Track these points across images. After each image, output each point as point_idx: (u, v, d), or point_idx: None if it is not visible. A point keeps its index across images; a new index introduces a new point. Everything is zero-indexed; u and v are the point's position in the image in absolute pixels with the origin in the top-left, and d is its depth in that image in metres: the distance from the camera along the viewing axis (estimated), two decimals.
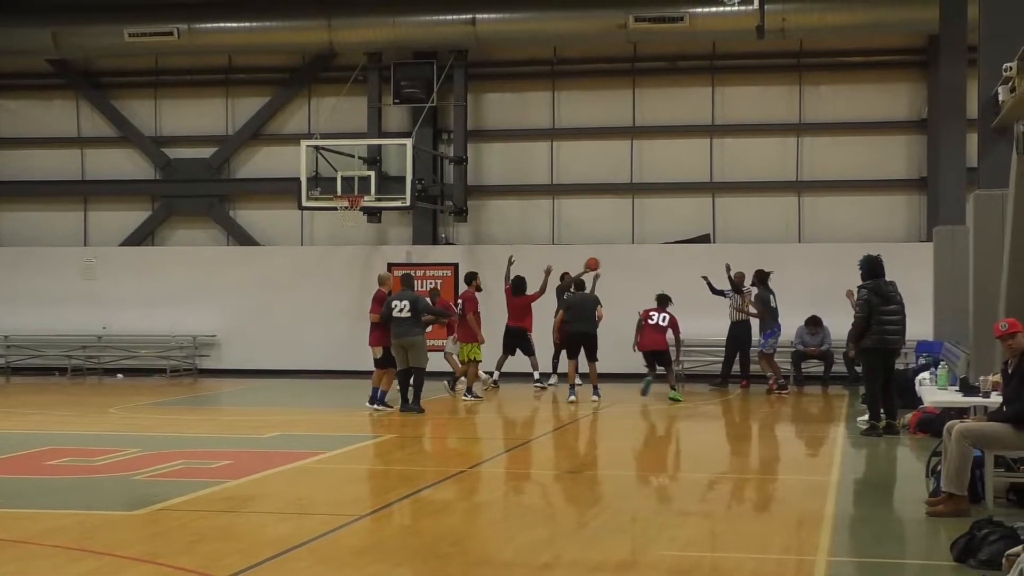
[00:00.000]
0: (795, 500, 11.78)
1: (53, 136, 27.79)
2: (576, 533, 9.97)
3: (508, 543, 9.71)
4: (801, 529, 10.26)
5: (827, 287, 22.09)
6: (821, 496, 11.43)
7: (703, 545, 9.74)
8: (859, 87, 25.14)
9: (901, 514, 11.07)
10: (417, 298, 18.47)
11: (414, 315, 18.16)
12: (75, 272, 26.61)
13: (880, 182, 24.88)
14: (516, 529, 10.23)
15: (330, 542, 9.54)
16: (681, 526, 10.25)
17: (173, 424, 17.72)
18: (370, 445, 15.72)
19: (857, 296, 16.07)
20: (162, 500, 11.09)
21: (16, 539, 9.48)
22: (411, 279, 19.29)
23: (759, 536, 9.92)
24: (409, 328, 18.18)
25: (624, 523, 10.56)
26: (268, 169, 26.86)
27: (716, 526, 10.50)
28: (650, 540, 9.86)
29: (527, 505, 11.59)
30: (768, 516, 11.12)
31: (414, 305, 18.19)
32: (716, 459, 14.86)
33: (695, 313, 22.50)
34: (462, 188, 25.54)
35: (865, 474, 13.69)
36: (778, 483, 13.15)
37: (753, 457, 15.29)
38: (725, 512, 11.23)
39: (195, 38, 25.38)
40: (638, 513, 11.09)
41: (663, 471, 13.71)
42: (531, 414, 19.54)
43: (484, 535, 10.13)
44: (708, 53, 25.48)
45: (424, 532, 10.17)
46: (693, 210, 25.47)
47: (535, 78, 26.21)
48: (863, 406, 17.62)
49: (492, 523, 10.62)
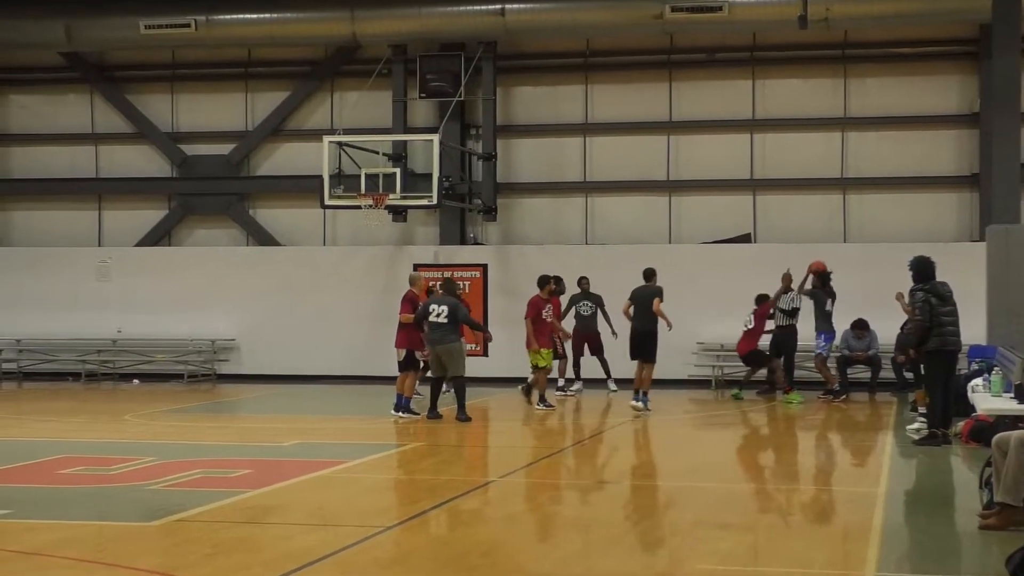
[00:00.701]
0: (841, 512, 11.75)
1: (66, 132, 27.96)
2: (611, 546, 9.96)
3: (540, 556, 9.71)
4: (847, 543, 10.22)
5: (874, 289, 21.97)
6: (868, 508, 11.37)
7: (743, 559, 9.72)
8: (907, 79, 25.04)
9: (953, 527, 11.02)
10: (458, 305, 18.44)
11: (452, 322, 18.16)
12: (89, 273, 26.75)
13: (929, 179, 24.77)
14: (548, 541, 10.23)
15: (355, 554, 9.55)
16: (720, 539, 10.22)
17: (191, 432, 17.79)
18: (395, 454, 15.75)
19: (911, 299, 15.97)
20: (179, 511, 11.13)
21: (29, 551, 9.54)
22: (453, 285, 19.23)
23: (802, 550, 9.88)
24: (445, 335, 18.19)
25: (661, 535, 10.55)
26: (289, 166, 26.95)
27: (757, 539, 10.47)
28: (688, 553, 9.83)
29: (560, 516, 11.59)
30: (812, 529, 11.08)
31: (454, 312, 18.18)
32: (757, 469, 14.83)
33: (736, 318, 22.43)
34: (491, 186, 25.55)
35: (915, 485, 13.63)
36: (823, 494, 13.10)
37: (797, 467, 15.23)
38: (767, 524, 11.20)
39: (213, 30, 25.48)
40: (676, 525, 11.07)
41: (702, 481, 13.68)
42: (567, 422, 19.53)
43: (515, 547, 10.14)
44: (748, 44, 25.43)
45: (453, 544, 10.18)
46: (733, 209, 25.42)
47: (567, 71, 26.21)
48: (912, 413, 17.56)
49: (523, 535, 10.63)
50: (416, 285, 19.46)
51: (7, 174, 28.23)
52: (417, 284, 19.50)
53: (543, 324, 20.05)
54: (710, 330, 23.85)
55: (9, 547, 9.59)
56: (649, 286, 19.78)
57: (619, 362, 21.36)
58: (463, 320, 18.43)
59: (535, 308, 20.09)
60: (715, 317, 23.61)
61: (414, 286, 19.42)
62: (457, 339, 18.39)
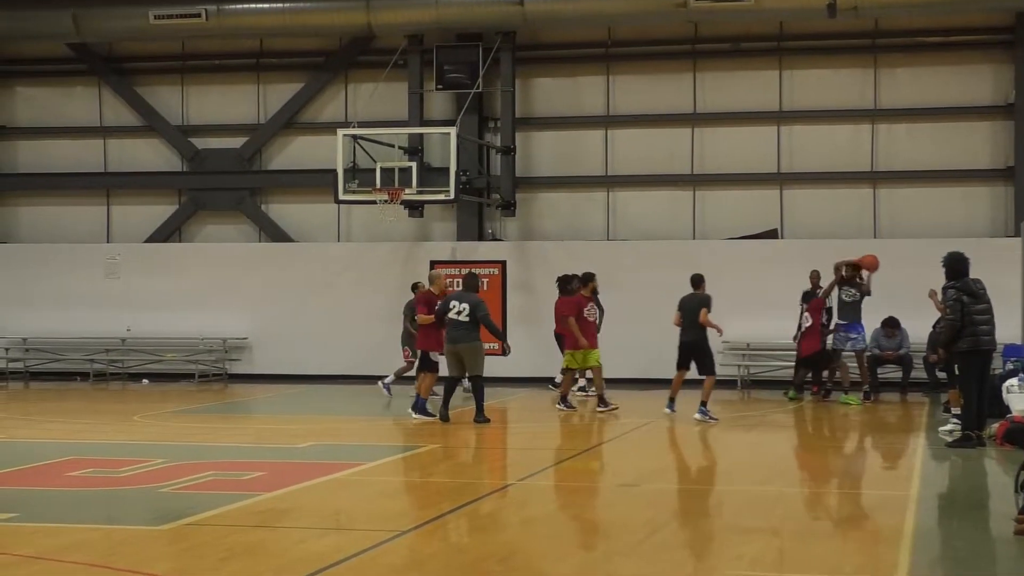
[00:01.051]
0: (871, 516, 11.71)
1: (74, 125, 28.04)
2: (633, 550, 9.94)
3: (560, 561, 9.69)
4: (877, 547, 10.18)
5: (905, 286, 21.91)
6: (899, 512, 11.34)
7: (771, 564, 9.69)
8: (939, 69, 24.94)
9: (987, 532, 10.97)
10: (479, 302, 18.25)
11: (473, 320, 18.04)
12: (97, 270, 26.83)
13: (962, 172, 24.68)
14: (569, 546, 10.21)
15: (370, 559, 9.55)
16: (747, 543, 10.19)
17: (202, 433, 17.83)
18: (412, 456, 15.75)
19: (944, 297, 15.91)
20: (190, 514, 11.14)
21: (36, 555, 9.56)
22: (475, 279, 19.01)
23: (832, 554, 9.85)
24: (466, 333, 18.07)
25: (686, 540, 10.53)
26: (302, 160, 26.98)
27: (785, 543, 10.43)
28: (714, 558, 9.82)
29: (581, 520, 11.56)
30: (841, 533, 11.04)
31: (475, 309, 18.06)
32: (785, 471, 14.78)
33: (762, 316, 22.39)
34: (510, 180, 25.53)
35: (948, 489, 13.60)
36: (852, 497, 13.07)
37: (825, 469, 15.19)
38: (795, 528, 11.16)
39: (224, 20, 25.49)
40: (701, 529, 11.05)
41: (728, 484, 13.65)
42: (587, 423, 19.51)
43: (534, 552, 10.12)
44: (775, 34, 25.37)
45: (470, 549, 10.17)
46: (759, 203, 25.37)
47: (588, 61, 26.19)
48: (945, 414, 17.50)
49: (543, 540, 10.60)
50: (436, 284, 19.47)
51: (13, 168, 28.32)
52: (437, 283, 19.51)
53: (585, 323, 19.68)
54: (736, 329, 23.73)
55: (16, 551, 9.60)
56: (697, 294, 19.13)
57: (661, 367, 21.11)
58: (482, 320, 18.22)
59: (576, 307, 19.77)
60: (741, 316, 23.51)
61: (433, 285, 19.42)
62: (478, 338, 18.28)
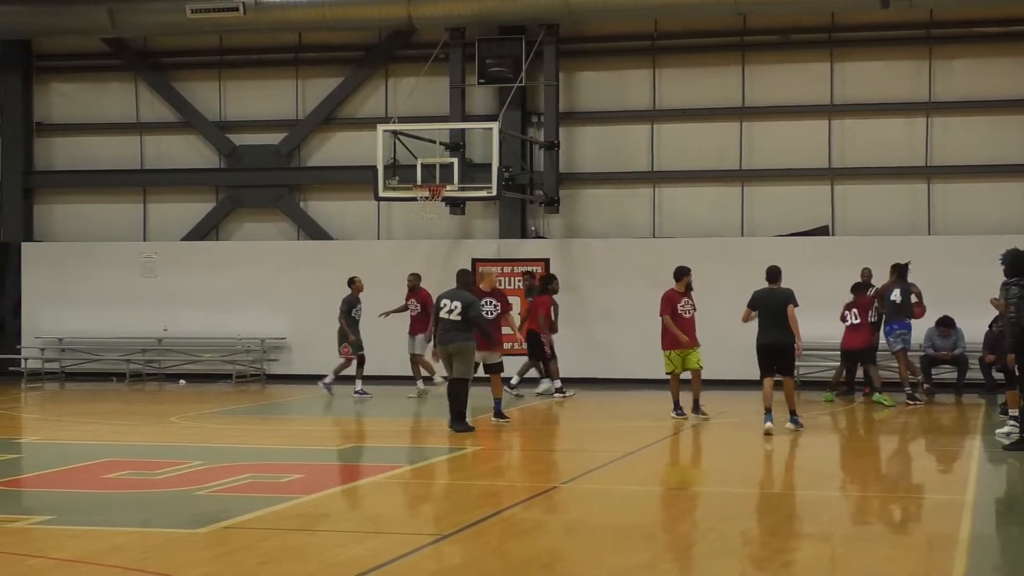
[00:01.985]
0: (925, 521, 11.66)
1: (110, 122, 28.23)
2: (680, 556, 9.94)
3: (603, 567, 9.69)
4: (932, 554, 10.14)
5: (961, 284, 21.81)
6: (955, 517, 11.29)
7: (821, 571, 9.66)
8: (996, 60, 24.78)
9: None
10: (473, 301, 17.57)
11: (465, 320, 17.28)
12: (133, 269, 27.01)
13: (1020, 167, 24.50)
14: (613, 551, 10.21)
15: (409, 565, 9.58)
16: (796, 549, 10.17)
17: (239, 435, 17.92)
18: (451, 458, 15.77)
19: (1005, 295, 15.73)
20: (228, 517, 11.21)
21: (72, 558, 9.64)
22: (468, 276, 18.56)
23: (884, 561, 9.81)
24: (457, 333, 17.31)
25: (733, 545, 10.51)
26: (342, 156, 27.06)
27: (835, 550, 10.41)
28: (762, 564, 9.79)
29: (625, 525, 11.56)
30: (894, 539, 11.00)
31: (467, 309, 17.31)
32: (835, 475, 14.74)
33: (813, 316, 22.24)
34: (553, 176, 25.53)
35: (1005, 493, 13.51)
36: (905, 502, 13.00)
37: (877, 473, 15.13)
38: (845, 534, 11.13)
39: (262, 14, 25.61)
40: (748, 534, 11.02)
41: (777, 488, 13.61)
42: (626, 424, 19.49)
43: (577, 558, 10.12)
44: (826, 25, 25.26)
45: (511, 554, 10.18)
46: (809, 199, 25.27)
47: (633, 54, 26.15)
48: (1002, 416, 17.38)
49: (586, 545, 10.61)
50: (485, 281, 19.52)
51: (49, 166, 28.54)
52: (487, 279, 19.57)
53: (682, 320, 18.97)
54: None
55: (52, 555, 9.70)
56: (777, 289, 17.92)
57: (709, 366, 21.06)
58: (475, 320, 17.44)
59: (670, 303, 19.01)
60: None
61: (483, 282, 19.47)
62: (470, 338, 17.47)
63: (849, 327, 21.47)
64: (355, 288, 22.71)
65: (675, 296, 19.16)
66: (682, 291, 19.23)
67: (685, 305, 19.15)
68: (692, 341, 19.06)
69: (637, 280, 24.12)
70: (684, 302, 19.15)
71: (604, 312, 24.92)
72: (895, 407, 20.57)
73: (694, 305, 19.26)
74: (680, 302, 19.11)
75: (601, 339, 24.89)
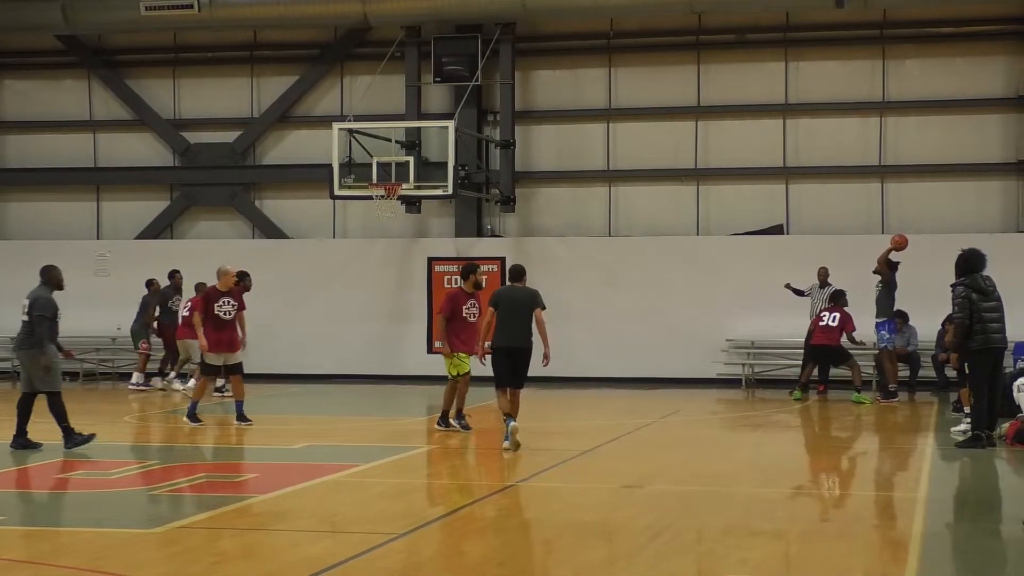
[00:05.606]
0: (879, 519, 11.72)
1: (63, 119, 28.06)
2: (636, 554, 9.95)
3: (560, 565, 9.71)
4: (885, 551, 10.20)
5: (913, 283, 21.92)
6: (908, 514, 11.36)
7: (776, 568, 9.71)
8: (949, 60, 24.97)
9: (997, 535, 10.97)
10: (35, 300, 16.53)
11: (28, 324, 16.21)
12: (87, 268, 26.80)
13: (973, 166, 24.70)
14: (569, 550, 10.22)
15: (365, 563, 9.57)
16: (752, 547, 10.21)
17: (194, 434, 17.83)
18: (409, 457, 15.75)
19: (953, 295, 15.87)
20: (182, 517, 11.18)
21: (25, 559, 9.58)
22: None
23: (838, 558, 9.85)
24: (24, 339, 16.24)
25: (689, 543, 10.54)
26: (297, 155, 27.00)
27: (790, 547, 10.45)
28: (718, 562, 9.82)
29: (582, 523, 11.57)
30: (848, 536, 11.04)
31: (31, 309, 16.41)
32: (790, 473, 14.79)
33: (768, 314, 22.40)
34: (509, 175, 25.54)
35: (957, 490, 13.60)
36: (859, 500, 13.08)
37: (831, 471, 15.21)
38: (801, 531, 11.18)
39: (217, 11, 25.51)
40: (704, 532, 11.05)
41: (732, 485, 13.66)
42: (586, 424, 19.53)
43: (534, 556, 10.14)
44: (781, 24, 25.38)
45: (468, 553, 10.18)
46: (764, 198, 25.39)
47: (590, 53, 26.20)
48: (955, 414, 17.51)
49: (542, 543, 10.62)
50: (223, 280, 18.89)
51: (1, 163, 28.35)
52: (224, 279, 18.93)
53: (467, 325, 16.87)
54: (740, 326, 23.83)
55: (4, 555, 9.62)
56: (521, 288, 15.99)
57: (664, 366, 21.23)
58: (37, 320, 16.15)
59: (452, 304, 16.92)
60: (745, 313, 23.59)
61: (220, 282, 18.92)
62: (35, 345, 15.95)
63: (823, 327, 21.55)
64: (175, 281, 23.59)
65: (461, 296, 16.97)
66: (469, 291, 17.03)
67: (471, 307, 16.91)
68: (474, 348, 16.57)
69: (593, 279, 24.20)
70: (471, 304, 16.93)
71: (560, 311, 24.88)
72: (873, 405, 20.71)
73: (480, 308, 16.82)
74: (466, 303, 16.91)
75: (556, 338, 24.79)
